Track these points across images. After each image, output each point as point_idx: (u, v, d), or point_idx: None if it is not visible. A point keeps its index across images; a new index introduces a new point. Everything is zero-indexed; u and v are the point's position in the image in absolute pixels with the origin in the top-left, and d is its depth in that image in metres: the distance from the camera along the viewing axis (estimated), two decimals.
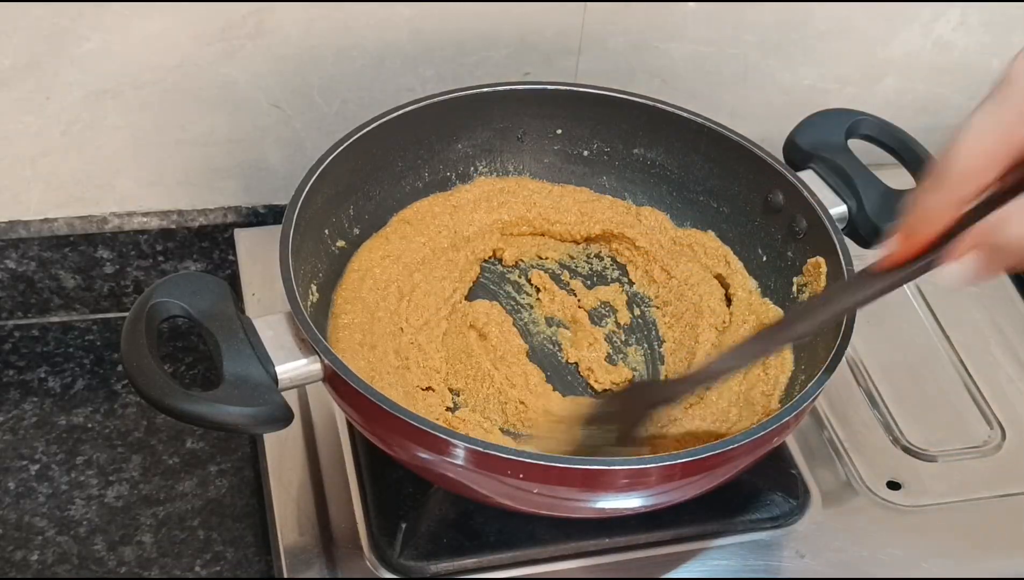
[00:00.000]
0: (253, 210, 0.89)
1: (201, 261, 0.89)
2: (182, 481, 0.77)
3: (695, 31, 0.87)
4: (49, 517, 0.75)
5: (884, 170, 0.74)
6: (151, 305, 0.60)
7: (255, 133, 0.85)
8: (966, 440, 0.77)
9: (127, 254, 0.87)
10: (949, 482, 0.74)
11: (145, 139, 0.83)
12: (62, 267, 0.86)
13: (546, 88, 0.76)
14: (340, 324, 0.70)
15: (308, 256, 0.68)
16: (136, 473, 0.77)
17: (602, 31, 0.85)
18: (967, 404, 0.79)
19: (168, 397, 0.56)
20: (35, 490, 0.76)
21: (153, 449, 0.79)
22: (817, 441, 0.75)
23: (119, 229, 0.86)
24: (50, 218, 0.85)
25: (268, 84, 0.82)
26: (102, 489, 0.76)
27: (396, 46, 0.83)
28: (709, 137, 0.75)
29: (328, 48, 0.82)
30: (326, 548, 0.67)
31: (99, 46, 0.77)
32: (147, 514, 0.75)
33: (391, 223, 0.76)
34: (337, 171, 0.70)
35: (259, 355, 0.59)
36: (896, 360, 0.81)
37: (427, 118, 0.74)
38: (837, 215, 0.72)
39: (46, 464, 0.78)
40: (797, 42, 0.89)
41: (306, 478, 0.70)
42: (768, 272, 0.75)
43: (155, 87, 0.80)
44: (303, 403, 0.74)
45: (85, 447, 0.79)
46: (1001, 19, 0.92)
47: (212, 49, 0.79)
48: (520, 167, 0.79)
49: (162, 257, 0.88)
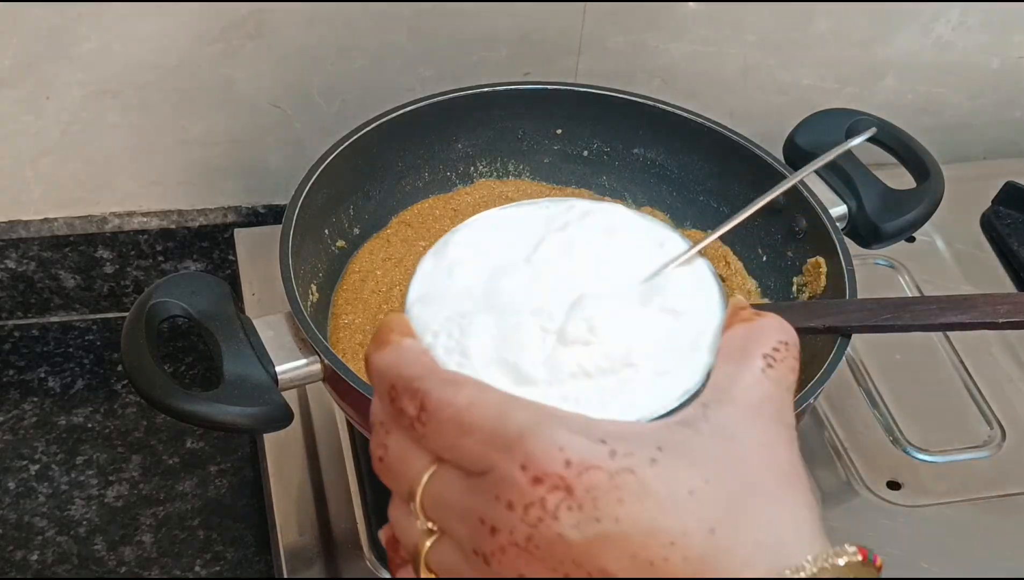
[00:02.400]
0: (253, 210, 0.89)
1: (201, 261, 0.89)
2: (182, 481, 0.77)
3: (695, 31, 0.87)
4: (49, 517, 0.75)
5: (883, 170, 0.74)
6: (151, 305, 0.60)
7: (255, 133, 0.85)
8: (966, 440, 0.77)
9: (127, 254, 0.87)
10: (949, 482, 0.74)
11: (145, 139, 0.83)
12: (62, 267, 0.86)
13: (546, 88, 0.76)
14: (340, 324, 0.70)
15: (308, 256, 0.68)
16: (136, 473, 0.77)
17: (602, 31, 0.85)
18: (967, 404, 0.79)
19: (168, 397, 0.56)
20: (35, 490, 0.76)
21: (153, 449, 0.79)
22: (817, 441, 0.75)
23: (119, 229, 0.86)
24: (50, 218, 0.85)
25: (268, 84, 0.82)
26: (102, 489, 0.76)
27: (396, 46, 0.83)
28: (709, 137, 0.75)
29: (328, 48, 0.81)
30: (326, 548, 0.67)
31: (99, 46, 0.77)
32: (147, 514, 0.75)
33: (392, 224, 0.76)
34: (337, 171, 0.70)
35: (259, 355, 0.59)
36: (896, 360, 0.81)
37: (427, 118, 0.74)
38: (837, 215, 0.71)
39: (46, 464, 0.78)
40: (797, 42, 0.89)
41: (306, 478, 0.70)
42: (768, 272, 0.75)
43: (155, 87, 0.80)
44: (303, 403, 0.74)
45: (85, 447, 0.79)
46: (1001, 19, 0.92)
47: (212, 49, 0.79)
48: (520, 167, 0.79)
49: (162, 257, 0.88)
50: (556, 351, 0.41)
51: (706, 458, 0.36)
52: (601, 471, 0.35)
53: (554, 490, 0.34)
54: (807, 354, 0.68)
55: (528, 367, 0.41)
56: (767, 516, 0.35)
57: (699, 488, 0.35)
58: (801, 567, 0.34)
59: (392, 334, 0.40)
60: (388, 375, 0.38)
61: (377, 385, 0.39)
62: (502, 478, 0.35)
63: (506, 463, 0.35)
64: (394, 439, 0.38)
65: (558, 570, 0.35)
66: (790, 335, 0.40)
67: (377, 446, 0.39)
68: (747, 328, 0.40)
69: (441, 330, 0.42)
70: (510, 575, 0.36)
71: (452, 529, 0.37)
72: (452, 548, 0.38)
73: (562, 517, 0.34)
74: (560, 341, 0.41)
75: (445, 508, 0.37)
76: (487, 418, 0.36)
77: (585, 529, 0.34)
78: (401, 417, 0.38)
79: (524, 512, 0.35)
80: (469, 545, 0.37)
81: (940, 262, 0.88)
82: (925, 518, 0.72)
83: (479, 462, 0.36)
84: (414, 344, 0.40)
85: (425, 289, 0.45)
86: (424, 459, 0.38)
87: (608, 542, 0.34)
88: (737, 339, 0.40)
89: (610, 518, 0.34)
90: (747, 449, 0.36)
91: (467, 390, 0.37)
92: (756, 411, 0.38)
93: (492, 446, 0.36)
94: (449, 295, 0.44)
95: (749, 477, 0.36)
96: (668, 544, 0.34)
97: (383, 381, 0.39)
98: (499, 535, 0.35)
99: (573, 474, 0.34)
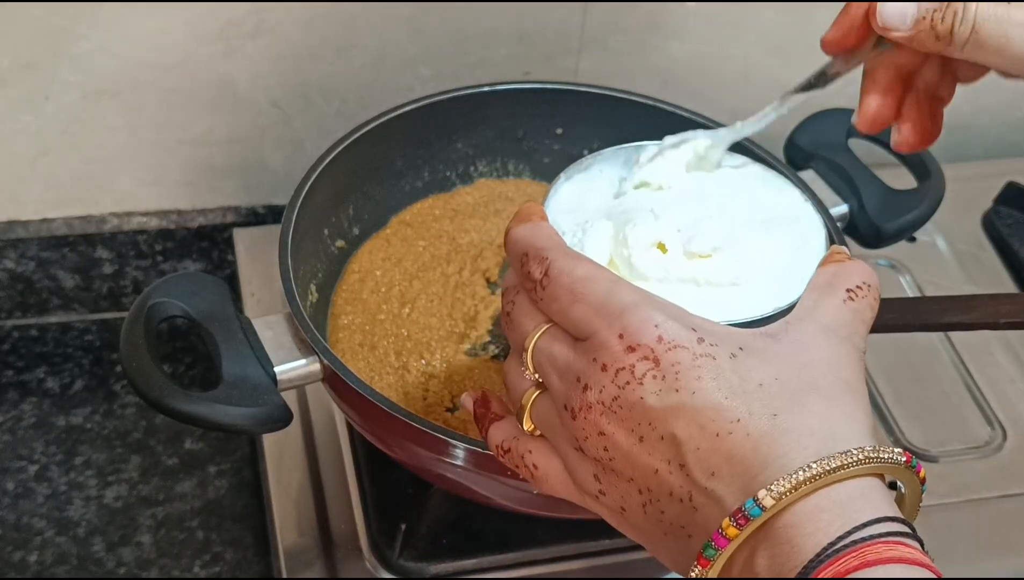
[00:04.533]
0: (252, 210, 0.88)
1: (200, 261, 0.89)
2: (181, 482, 0.77)
3: (695, 31, 0.87)
4: (48, 518, 0.75)
5: (884, 170, 0.74)
6: (150, 305, 0.59)
7: (255, 133, 0.85)
8: (967, 440, 0.76)
9: (126, 254, 0.87)
10: (949, 482, 0.74)
11: (144, 139, 0.83)
12: (61, 267, 0.86)
13: (546, 88, 0.76)
14: (340, 325, 0.69)
15: (308, 256, 0.68)
16: (135, 474, 0.77)
17: (602, 31, 0.85)
18: (968, 404, 0.79)
19: (167, 398, 0.56)
20: (34, 491, 0.76)
21: (152, 450, 0.79)
22: None
23: (118, 229, 0.86)
24: (49, 218, 0.85)
25: (268, 84, 0.82)
26: (101, 490, 0.76)
27: (396, 46, 0.83)
28: None
29: (328, 48, 0.81)
30: (326, 548, 0.67)
31: (98, 46, 0.77)
32: (146, 515, 0.75)
33: (391, 224, 0.76)
34: (337, 171, 0.70)
35: (258, 355, 0.59)
36: (896, 360, 0.81)
37: (427, 118, 0.74)
38: (837, 215, 0.71)
39: (45, 465, 0.77)
40: (797, 42, 0.89)
41: (306, 478, 0.70)
42: None
43: (154, 87, 0.80)
44: (303, 403, 0.74)
45: (84, 448, 0.78)
46: None
47: (212, 49, 0.79)
48: (520, 167, 0.79)
49: (161, 257, 0.88)
50: (670, 257, 0.46)
51: (779, 361, 0.41)
52: (687, 351, 0.40)
53: (643, 359, 0.40)
54: None
55: (640, 264, 0.46)
56: (825, 411, 0.39)
57: (768, 382, 0.40)
58: (849, 453, 0.38)
59: (534, 215, 0.46)
60: (524, 243, 0.44)
61: (512, 252, 0.45)
62: (601, 343, 0.41)
63: (606, 330, 0.41)
64: (520, 299, 0.45)
65: (635, 431, 0.40)
66: (873, 279, 0.45)
67: (507, 303, 0.45)
68: (837, 267, 0.45)
69: (567, 231, 0.48)
70: (592, 430, 0.41)
71: (552, 384, 0.43)
72: (549, 403, 0.44)
73: (647, 383, 0.40)
74: (683, 252, 0.46)
75: (550, 363, 0.43)
76: (597, 291, 0.42)
77: (664, 397, 0.40)
78: (527, 280, 0.44)
79: (615, 374, 0.40)
80: (562, 400, 0.42)
81: (941, 262, 0.88)
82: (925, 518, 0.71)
83: (585, 327, 0.42)
84: (549, 225, 0.46)
85: (559, 203, 0.50)
86: (540, 318, 0.44)
87: (682, 411, 0.39)
88: (827, 274, 0.45)
89: (687, 390, 0.39)
90: (817, 358, 0.41)
91: (586, 265, 0.43)
92: (831, 331, 0.42)
93: (597, 314, 0.41)
94: (580, 209, 0.50)
95: (814, 379, 0.40)
96: (733, 421, 0.39)
97: (517, 248, 0.45)
98: (589, 392, 0.41)
99: (662, 349, 0.40)
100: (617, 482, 0.42)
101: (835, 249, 0.47)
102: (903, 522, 0.38)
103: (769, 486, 0.37)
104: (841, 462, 0.38)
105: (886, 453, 0.39)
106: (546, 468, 0.45)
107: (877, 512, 0.37)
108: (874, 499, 0.38)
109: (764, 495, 0.37)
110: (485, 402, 0.49)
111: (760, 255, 0.47)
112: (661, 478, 0.40)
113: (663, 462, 0.40)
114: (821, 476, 0.37)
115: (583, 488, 0.44)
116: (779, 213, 0.50)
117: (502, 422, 0.47)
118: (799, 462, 0.38)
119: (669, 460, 0.40)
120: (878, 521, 0.37)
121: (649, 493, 0.41)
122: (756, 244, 0.48)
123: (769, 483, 0.38)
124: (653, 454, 0.40)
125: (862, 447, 0.38)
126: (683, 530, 0.40)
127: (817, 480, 0.37)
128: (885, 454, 0.39)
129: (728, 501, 0.39)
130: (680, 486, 0.40)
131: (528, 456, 0.45)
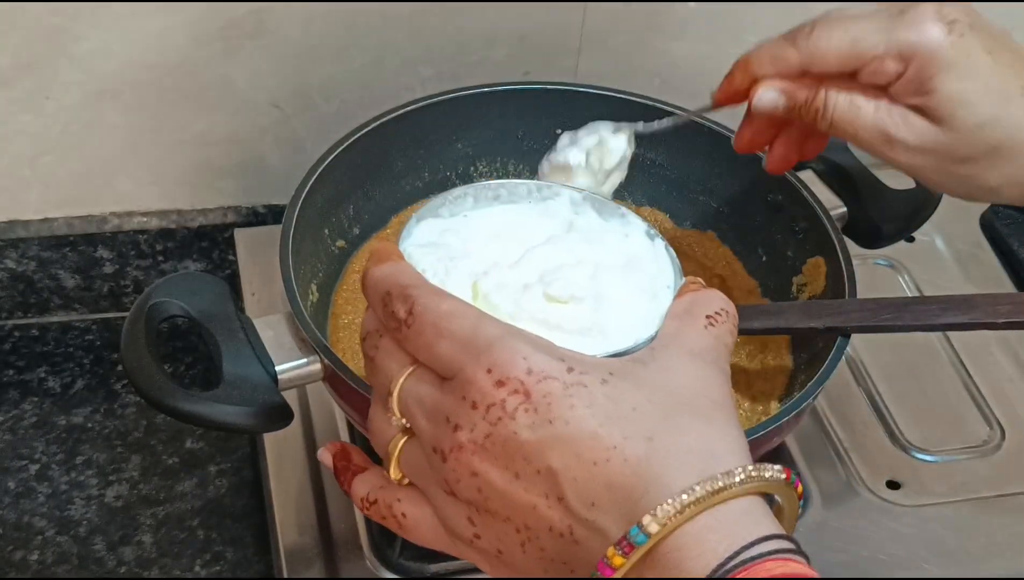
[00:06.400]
0: (253, 210, 0.88)
1: (201, 261, 0.89)
2: (182, 481, 0.77)
3: (695, 31, 0.87)
4: (49, 517, 0.75)
5: (884, 170, 0.74)
6: (151, 305, 0.59)
7: (255, 133, 0.85)
8: (966, 440, 0.77)
9: (126, 254, 0.87)
10: (949, 482, 0.74)
11: (144, 139, 0.83)
12: (61, 267, 0.86)
13: (546, 88, 0.76)
14: (340, 324, 0.70)
15: (308, 256, 0.68)
16: (136, 473, 0.77)
17: (602, 31, 0.85)
18: (967, 404, 0.79)
19: (168, 397, 0.56)
20: (35, 490, 0.76)
21: (153, 449, 0.79)
22: (817, 441, 0.75)
23: (118, 229, 0.86)
24: (49, 218, 0.85)
25: (268, 84, 0.82)
26: (102, 489, 0.76)
27: (396, 46, 0.83)
28: (709, 137, 0.75)
29: (328, 48, 0.81)
30: (326, 548, 0.67)
31: (98, 45, 0.77)
32: (147, 514, 0.75)
33: (392, 224, 0.76)
34: (337, 171, 0.70)
35: (259, 355, 0.59)
36: (896, 360, 0.81)
37: (427, 118, 0.74)
38: (837, 215, 0.71)
39: (46, 464, 0.78)
40: None
41: (306, 478, 0.70)
42: (768, 272, 0.75)
43: (154, 86, 0.80)
44: (303, 403, 0.74)
45: (85, 447, 0.79)
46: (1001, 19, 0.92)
47: (212, 49, 0.79)
48: (520, 167, 0.79)
49: (162, 257, 0.88)
50: (529, 298, 0.47)
51: (650, 384, 0.41)
52: (557, 381, 0.39)
53: (514, 393, 0.39)
54: (807, 354, 0.69)
55: (501, 304, 0.46)
56: (700, 430, 0.40)
57: (641, 405, 0.39)
58: (731, 473, 0.38)
59: (392, 254, 0.45)
60: (385, 283, 0.43)
61: (372, 294, 0.44)
62: (469, 379, 0.40)
63: (473, 365, 0.40)
64: (384, 342, 0.43)
65: (509, 467, 0.39)
66: (730, 307, 0.46)
67: (369, 347, 0.44)
68: (694, 295, 0.46)
69: (428, 269, 0.47)
70: (464, 471, 0.40)
71: (420, 427, 0.42)
72: (418, 448, 0.42)
73: (519, 417, 0.39)
74: (544, 296, 0.47)
75: (417, 404, 0.42)
76: (463, 327, 0.41)
77: (538, 430, 0.39)
78: (391, 320, 0.42)
79: (486, 411, 0.39)
80: (431, 443, 0.41)
81: (940, 262, 0.88)
82: (925, 518, 0.72)
83: (451, 364, 0.41)
84: (409, 264, 0.45)
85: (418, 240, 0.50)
86: (405, 359, 0.43)
87: (557, 441, 0.39)
88: (685, 303, 0.46)
89: (561, 421, 0.38)
90: (685, 380, 0.41)
91: (450, 301, 0.42)
92: (697, 355, 0.43)
93: (464, 350, 0.40)
94: (441, 245, 0.50)
95: (686, 400, 0.40)
96: (610, 447, 0.38)
97: (379, 289, 0.43)
98: (460, 432, 0.40)
99: (532, 381, 0.39)
100: (493, 523, 0.40)
101: (690, 279, 0.47)
102: (788, 539, 0.38)
103: (653, 511, 0.37)
104: (725, 482, 0.37)
105: (767, 471, 0.38)
106: (415, 516, 0.43)
107: (763, 530, 0.37)
108: (759, 517, 0.38)
109: (649, 521, 0.37)
110: (345, 455, 0.47)
111: (614, 308, 0.47)
112: (539, 514, 0.39)
113: (540, 497, 0.39)
114: (706, 498, 0.37)
115: (455, 534, 0.42)
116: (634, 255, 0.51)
117: (366, 474, 0.46)
118: (680, 483, 0.37)
119: (547, 494, 0.39)
120: (766, 539, 0.37)
121: (527, 531, 0.39)
122: (612, 297, 0.48)
123: (652, 507, 0.37)
124: (530, 490, 0.39)
125: (744, 466, 0.38)
126: (565, 565, 0.40)
127: (702, 502, 0.37)
128: (767, 472, 0.38)
129: (612, 531, 0.38)
130: (560, 520, 0.39)
131: (396, 506, 0.44)
